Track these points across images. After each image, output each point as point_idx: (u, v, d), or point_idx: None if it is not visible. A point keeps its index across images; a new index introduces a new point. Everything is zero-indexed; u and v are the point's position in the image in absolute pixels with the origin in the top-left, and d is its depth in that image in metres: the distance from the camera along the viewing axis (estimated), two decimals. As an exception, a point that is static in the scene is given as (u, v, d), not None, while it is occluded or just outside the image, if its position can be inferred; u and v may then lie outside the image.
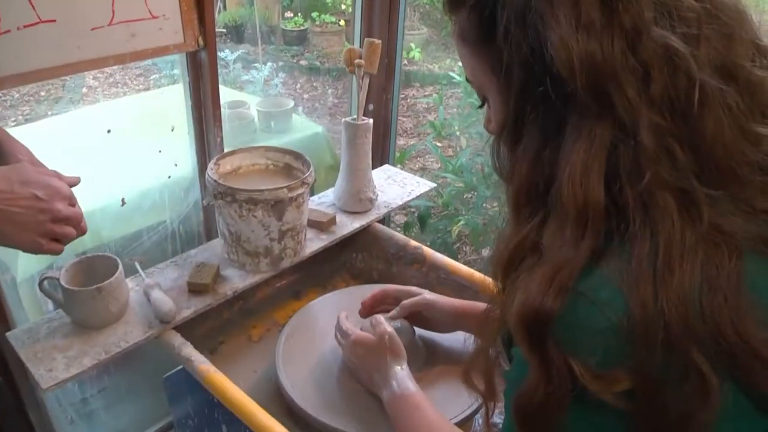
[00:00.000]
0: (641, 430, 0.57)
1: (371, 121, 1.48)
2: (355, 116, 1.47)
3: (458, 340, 1.18)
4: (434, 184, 1.74)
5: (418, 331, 1.18)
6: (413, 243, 1.48)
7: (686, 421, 0.55)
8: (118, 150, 1.52)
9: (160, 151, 1.48)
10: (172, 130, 1.48)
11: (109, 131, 1.36)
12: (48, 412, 1.39)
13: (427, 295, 1.16)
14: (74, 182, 0.99)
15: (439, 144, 3.85)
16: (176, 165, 1.51)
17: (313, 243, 1.40)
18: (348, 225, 1.49)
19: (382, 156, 2.01)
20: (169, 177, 1.52)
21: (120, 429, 1.68)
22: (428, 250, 1.46)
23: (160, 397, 1.38)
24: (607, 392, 0.55)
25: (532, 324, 0.58)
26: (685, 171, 0.56)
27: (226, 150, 1.42)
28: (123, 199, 1.44)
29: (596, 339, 0.55)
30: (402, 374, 0.99)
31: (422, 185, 1.71)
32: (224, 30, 4.45)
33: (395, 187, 1.69)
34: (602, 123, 0.57)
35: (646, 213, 0.56)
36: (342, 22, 5.51)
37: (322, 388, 1.10)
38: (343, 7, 5.43)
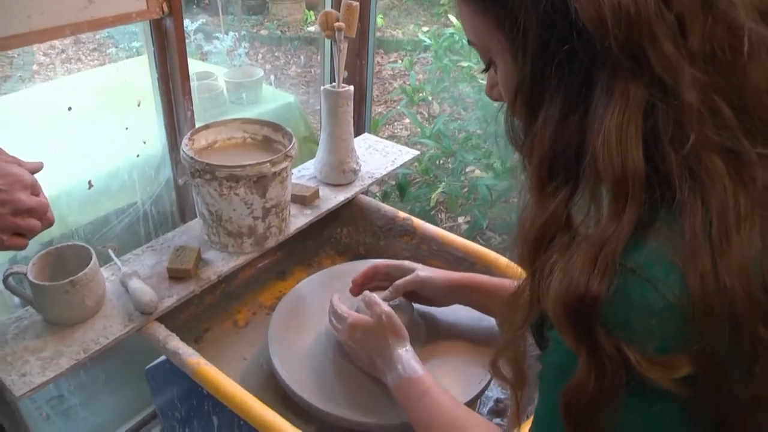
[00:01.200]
0: (706, 418, 0.51)
1: (352, 87, 1.39)
2: (335, 83, 1.39)
3: (456, 312, 1.12)
4: (417, 152, 1.67)
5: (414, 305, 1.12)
6: (402, 214, 1.41)
7: (756, 405, 0.50)
8: (81, 129, 1.41)
9: (126, 128, 1.38)
10: (138, 105, 1.37)
11: (70, 109, 1.25)
12: (20, 410, 1.30)
13: (420, 271, 1.09)
14: (36, 168, 0.90)
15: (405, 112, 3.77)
16: (145, 142, 1.41)
17: (297, 219, 1.33)
18: (332, 198, 1.41)
19: (358, 125, 1.93)
20: (138, 155, 1.42)
21: (100, 424, 1.60)
22: (418, 222, 1.39)
23: (141, 388, 1.31)
24: (667, 380, 0.49)
25: (577, 311, 0.51)
26: (733, 129, 0.51)
27: (197, 124, 1.33)
28: (89, 181, 1.33)
29: (652, 321, 0.50)
30: (407, 356, 0.93)
31: (405, 153, 1.64)
32: (181, -2, 4.26)
33: (377, 156, 1.62)
34: (637, 81, 0.51)
35: (694, 178, 0.50)
36: (303, -11, 5.37)
37: (319, 374, 1.03)
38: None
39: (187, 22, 2.87)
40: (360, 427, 0.96)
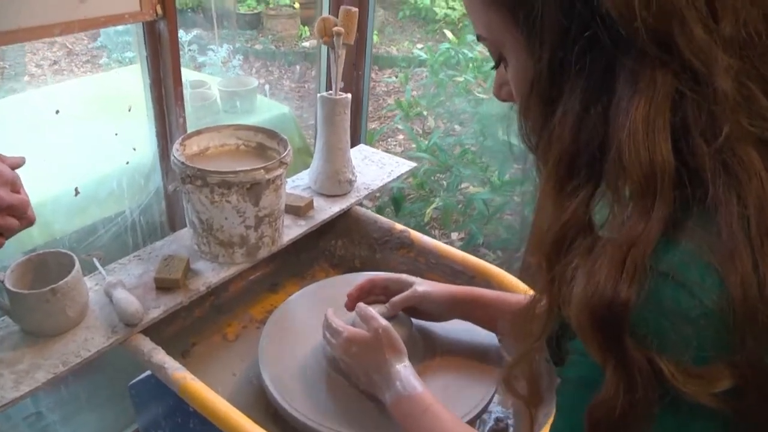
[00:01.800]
0: None
1: (349, 95, 1.36)
2: (332, 91, 1.35)
3: (455, 327, 1.08)
4: (414, 164, 1.64)
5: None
6: (399, 226, 1.37)
7: None
8: (69, 134, 1.37)
9: (116, 134, 1.34)
10: (129, 110, 1.33)
11: (57, 112, 1.21)
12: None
13: (419, 286, 1.04)
14: (17, 163, 0.85)
15: (400, 127, 3.75)
16: (135, 149, 1.37)
17: (291, 230, 1.28)
18: (327, 209, 1.37)
19: (354, 137, 1.90)
20: (127, 163, 1.37)
21: (81, 442, 1.54)
22: (416, 234, 1.35)
23: (124, 405, 1.25)
24: (706, 394, 0.45)
25: (604, 319, 0.47)
26: None
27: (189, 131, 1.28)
28: (76, 189, 1.29)
29: (688, 329, 0.45)
30: (405, 372, 0.88)
31: (402, 165, 1.60)
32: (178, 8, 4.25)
33: (373, 167, 1.58)
34: (665, 69, 0.47)
35: (728, 173, 0.47)
36: (297, 5, 5.37)
37: (312, 391, 0.98)
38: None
39: (181, 32, 2.85)
40: (354, 447, 0.92)
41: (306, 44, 5.25)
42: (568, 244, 0.53)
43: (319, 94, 1.36)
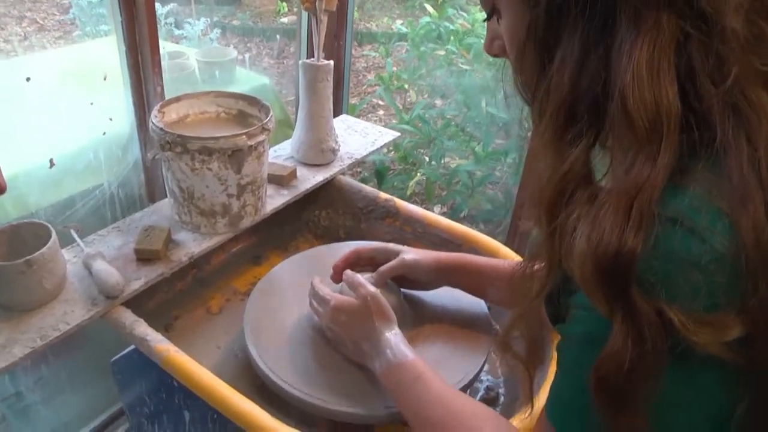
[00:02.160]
0: (761, 387, 0.45)
1: (332, 62, 1.32)
2: (314, 58, 1.32)
3: (443, 295, 1.06)
4: (398, 133, 1.61)
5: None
6: (384, 195, 1.34)
7: None
8: (42, 104, 1.31)
9: (91, 104, 1.29)
10: (105, 79, 1.29)
11: (28, 79, 1.16)
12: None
13: (406, 254, 1.02)
14: None
15: (382, 103, 3.70)
16: (111, 119, 1.32)
17: (274, 199, 1.25)
18: (310, 178, 1.34)
19: (336, 108, 1.86)
20: (104, 133, 1.33)
21: (63, 423, 1.50)
22: (401, 203, 1.32)
23: (107, 383, 1.22)
24: (716, 343, 0.44)
25: (610, 270, 0.45)
26: None
27: (168, 100, 1.24)
28: (51, 160, 1.24)
29: (698, 276, 0.44)
30: (395, 340, 0.86)
31: (386, 134, 1.57)
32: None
33: (357, 137, 1.55)
34: (670, 10, 0.45)
35: (737, 115, 0.45)
36: (276, -20, 5.27)
37: (299, 362, 0.96)
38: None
39: (157, 5, 2.78)
40: (344, 418, 0.89)
41: (285, 20, 5.16)
42: (569, 196, 0.51)
43: (300, 61, 1.33)
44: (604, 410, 0.48)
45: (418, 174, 2.42)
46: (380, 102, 3.75)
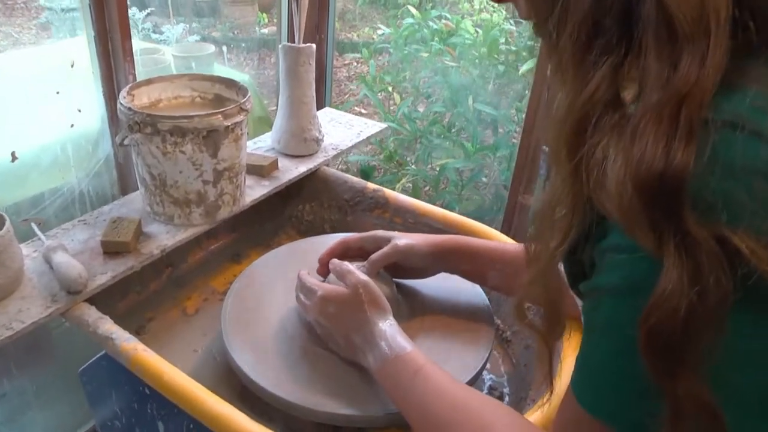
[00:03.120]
0: None
1: (314, 45, 1.24)
2: (295, 41, 1.24)
3: (439, 285, 0.99)
4: (384, 125, 1.53)
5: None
6: (372, 186, 1.26)
7: None
8: (2, 92, 1.22)
9: (57, 93, 1.20)
10: (72, 66, 1.20)
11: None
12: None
13: (398, 240, 0.93)
14: None
15: (365, 111, 3.63)
16: (80, 111, 1.23)
17: (254, 190, 1.17)
18: (293, 169, 1.26)
19: (318, 101, 1.79)
20: (72, 126, 1.23)
21: (30, 442, 1.40)
22: (390, 192, 1.24)
23: (78, 399, 1.12)
24: None
25: (656, 194, 0.37)
26: None
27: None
28: (13, 153, 1.14)
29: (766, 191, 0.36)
30: (391, 331, 0.78)
31: (372, 126, 1.50)
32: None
33: (341, 128, 1.47)
34: None
35: None
36: (256, -8, 5.21)
37: (284, 362, 0.87)
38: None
39: (134, 10, 2.69)
40: (336, 421, 0.80)
41: (265, 30, 5.10)
42: (593, 124, 0.43)
43: (281, 45, 1.25)
44: (657, 374, 0.39)
45: (405, 177, 2.34)
46: (363, 111, 3.67)
